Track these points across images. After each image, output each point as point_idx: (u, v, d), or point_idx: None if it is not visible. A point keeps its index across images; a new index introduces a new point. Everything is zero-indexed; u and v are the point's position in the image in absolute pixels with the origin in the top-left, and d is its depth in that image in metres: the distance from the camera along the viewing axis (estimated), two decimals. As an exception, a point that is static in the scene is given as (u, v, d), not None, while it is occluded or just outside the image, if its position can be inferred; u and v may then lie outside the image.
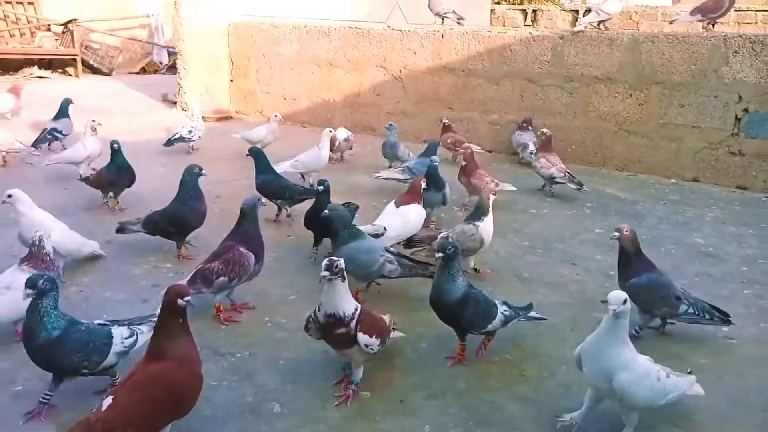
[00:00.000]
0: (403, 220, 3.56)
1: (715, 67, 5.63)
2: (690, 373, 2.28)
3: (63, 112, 5.90)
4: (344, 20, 8.71)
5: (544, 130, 5.53)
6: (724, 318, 2.82)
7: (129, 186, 4.42)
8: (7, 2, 11.19)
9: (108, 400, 1.88)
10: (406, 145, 5.76)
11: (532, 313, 2.75)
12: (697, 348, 2.79)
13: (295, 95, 8.18)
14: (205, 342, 2.60)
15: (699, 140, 5.80)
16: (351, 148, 6.22)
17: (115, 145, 4.32)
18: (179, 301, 1.95)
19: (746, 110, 5.55)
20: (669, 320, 2.89)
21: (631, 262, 2.88)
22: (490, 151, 6.76)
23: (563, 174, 5.08)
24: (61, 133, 5.80)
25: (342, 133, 6.05)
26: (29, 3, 11.49)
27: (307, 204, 3.83)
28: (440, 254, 2.50)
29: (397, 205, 3.66)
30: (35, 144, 5.65)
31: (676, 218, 4.74)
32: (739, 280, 3.59)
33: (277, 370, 2.52)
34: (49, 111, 6.05)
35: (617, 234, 2.89)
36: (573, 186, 5.05)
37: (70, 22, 11.22)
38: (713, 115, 5.71)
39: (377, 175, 4.89)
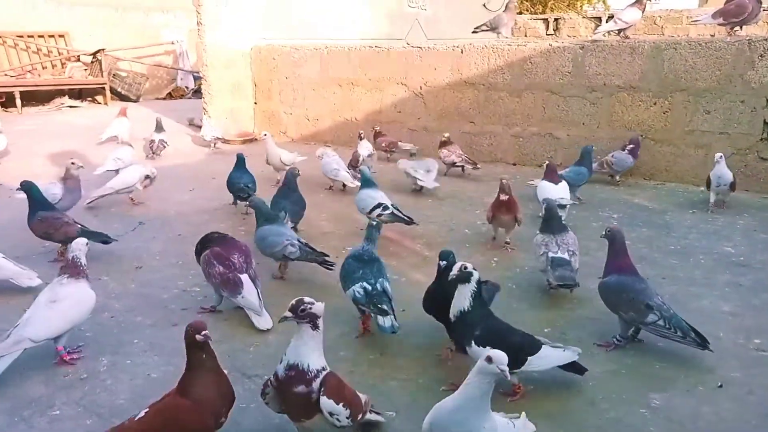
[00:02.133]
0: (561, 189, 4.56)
1: (740, 72, 5.55)
2: (720, 387, 2.22)
3: (160, 127, 7.19)
4: (364, 39, 8.82)
5: (446, 134, 6.32)
6: (701, 342, 2.65)
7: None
8: (39, 36, 11.61)
9: (142, 414, 2.00)
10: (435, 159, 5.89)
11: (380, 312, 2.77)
12: (728, 361, 2.73)
13: (317, 115, 8.28)
14: (233, 364, 2.65)
15: (726, 147, 5.69)
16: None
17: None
18: (197, 336, 2.00)
19: (774, 114, 5.46)
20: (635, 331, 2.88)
21: (611, 262, 2.96)
22: (514, 164, 6.76)
23: (460, 158, 6.13)
24: (166, 142, 7.12)
25: (365, 150, 6.10)
26: (60, 36, 11.91)
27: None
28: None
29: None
30: (154, 153, 6.94)
31: (706, 227, 4.65)
32: (772, 289, 3.51)
33: (304, 391, 2.54)
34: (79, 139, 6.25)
35: (609, 231, 3.03)
36: (470, 166, 6.12)
37: (98, 52, 11.60)
38: (740, 121, 5.62)
39: (532, 183, 5.09)
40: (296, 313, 1.93)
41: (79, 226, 3.90)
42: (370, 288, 2.85)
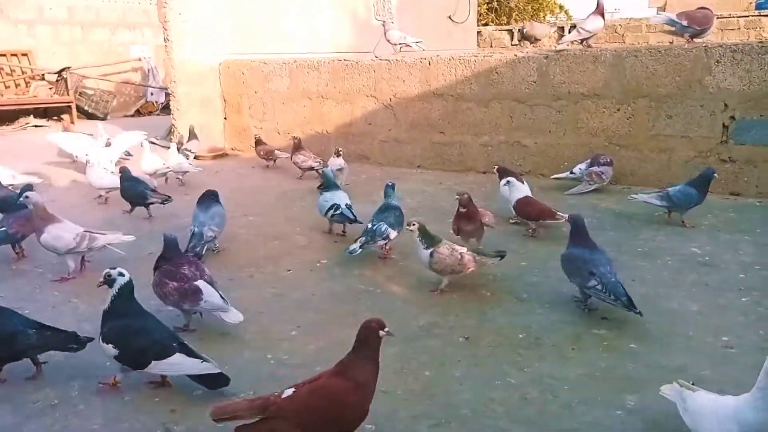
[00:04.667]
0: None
1: (699, 78, 5.72)
2: (693, 384, 2.28)
3: (193, 135, 7.47)
4: (333, 53, 8.85)
5: (294, 135, 6.94)
6: (627, 305, 3.05)
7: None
8: (1, 55, 11.39)
9: (289, 391, 2.08)
10: (401, 172, 5.84)
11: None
12: (699, 359, 2.80)
13: (288, 129, 8.25)
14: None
15: (689, 150, 5.86)
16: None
17: None
18: (381, 332, 2.12)
19: (733, 118, 5.63)
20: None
21: (573, 240, 3.50)
22: (484, 172, 6.83)
23: (318, 163, 6.49)
24: (191, 151, 7.22)
25: (335, 164, 6.09)
26: (23, 54, 11.71)
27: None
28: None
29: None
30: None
31: (672, 229, 4.76)
32: (737, 287, 3.60)
33: (282, 407, 2.52)
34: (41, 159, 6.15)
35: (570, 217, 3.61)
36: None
37: (63, 70, 11.42)
38: (701, 124, 5.78)
39: (635, 197, 5.00)
40: None
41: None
42: (370, 225, 4.02)
